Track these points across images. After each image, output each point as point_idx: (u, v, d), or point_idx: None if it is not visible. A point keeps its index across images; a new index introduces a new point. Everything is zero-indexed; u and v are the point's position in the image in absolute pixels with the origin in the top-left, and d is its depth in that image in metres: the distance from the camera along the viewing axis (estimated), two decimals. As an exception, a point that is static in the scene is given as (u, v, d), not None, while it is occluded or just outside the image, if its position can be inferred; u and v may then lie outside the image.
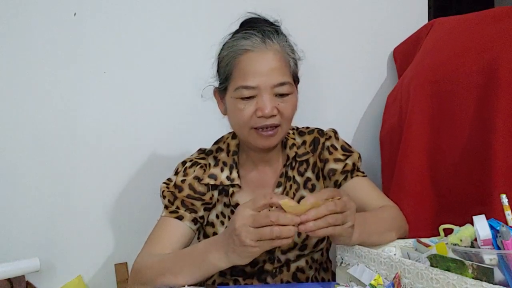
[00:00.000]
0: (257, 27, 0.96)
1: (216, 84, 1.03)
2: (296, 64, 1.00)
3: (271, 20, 1.00)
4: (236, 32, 1.00)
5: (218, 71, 1.01)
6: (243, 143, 1.03)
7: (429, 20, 1.50)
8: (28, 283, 1.25)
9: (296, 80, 1.01)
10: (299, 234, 0.87)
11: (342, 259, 0.88)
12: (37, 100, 1.32)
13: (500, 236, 0.65)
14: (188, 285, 0.84)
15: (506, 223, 0.68)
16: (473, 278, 0.60)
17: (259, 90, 0.92)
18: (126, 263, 1.36)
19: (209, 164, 1.05)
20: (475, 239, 0.69)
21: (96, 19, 1.34)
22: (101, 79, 1.35)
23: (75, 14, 1.33)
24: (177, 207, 1.00)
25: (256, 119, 0.93)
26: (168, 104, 1.39)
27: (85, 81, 1.34)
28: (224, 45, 1.00)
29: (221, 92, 1.00)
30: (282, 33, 0.99)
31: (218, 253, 0.80)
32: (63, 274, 1.33)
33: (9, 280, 1.14)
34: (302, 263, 1.04)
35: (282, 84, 0.93)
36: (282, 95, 0.94)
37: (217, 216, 1.04)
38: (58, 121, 1.33)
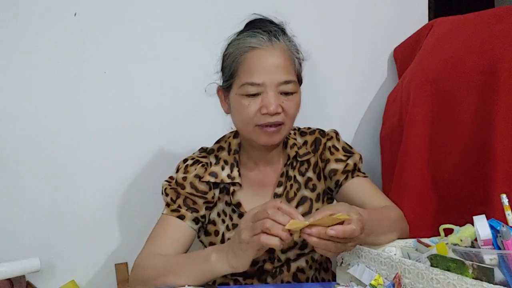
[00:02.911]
0: (262, 27, 0.97)
1: (220, 82, 1.03)
2: (300, 64, 1.01)
3: (276, 21, 1.01)
4: (242, 31, 1.00)
5: (222, 69, 1.01)
6: (245, 141, 1.04)
7: (429, 20, 1.50)
8: (28, 283, 1.25)
9: (299, 80, 1.01)
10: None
11: (342, 259, 0.88)
12: (38, 100, 1.32)
13: (500, 236, 0.65)
14: (188, 285, 0.84)
15: (506, 223, 0.68)
16: (473, 278, 0.60)
17: (264, 87, 0.93)
18: (126, 263, 1.36)
19: (210, 163, 1.05)
20: (475, 239, 0.69)
21: (96, 19, 1.34)
22: (101, 79, 1.35)
23: (75, 14, 1.33)
24: (179, 206, 1.00)
25: (260, 116, 0.93)
26: (168, 104, 1.39)
27: (85, 81, 1.34)
28: (229, 43, 1.00)
29: (225, 90, 1.01)
30: (287, 33, 1.00)
31: (218, 253, 0.83)
32: (63, 274, 1.33)
33: (9, 280, 1.14)
34: (302, 263, 1.04)
35: (287, 82, 0.94)
36: (287, 94, 0.95)
37: (219, 215, 1.04)
38: (58, 122, 1.33)
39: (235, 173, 1.03)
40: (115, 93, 1.36)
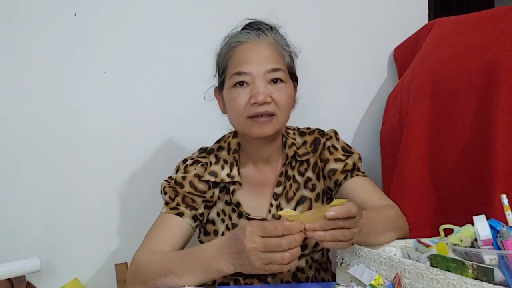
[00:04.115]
0: (252, 26, 1.00)
1: (216, 84, 1.04)
2: (291, 58, 1.01)
3: (269, 23, 1.02)
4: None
5: (217, 68, 1.03)
6: (242, 138, 1.04)
7: (429, 20, 1.50)
8: (28, 283, 1.25)
9: (292, 73, 1.02)
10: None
11: (343, 259, 0.88)
12: (37, 100, 1.31)
13: (500, 236, 0.65)
14: (189, 285, 0.84)
15: (506, 223, 0.68)
16: (473, 278, 0.60)
17: (252, 77, 0.94)
18: (126, 263, 1.36)
19: (210, 162, 1.05)
20: (475, 239, 0.70)
21: (96, 19, 1.34)
22: (101, 79, 1.35)
23: (75, 14, 1.33)
24: (178, 204, 1.00)
25: (250, 108, 0.94)
26: (168, 104, 1.39)
27: (85, 81, 1.34)
28: (221, 44, 1.02)
29: (220, 88, 1.02)
30: (277, 31, 1.01)
31: (226, 263, 0.80)
32: (63, 274, 1.33)
33: (9, 280, 1.14)
34: (302, 263, 1.04)
35: (274, 70, 0.95)
36: (276, 82, 0.95)
37: (218, 214, 1.04)
38: (58, 121, 1.33)
39: (235, 172, 1.03)
40: (115, 93, 1.36)
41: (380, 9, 1.51)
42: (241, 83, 0.95)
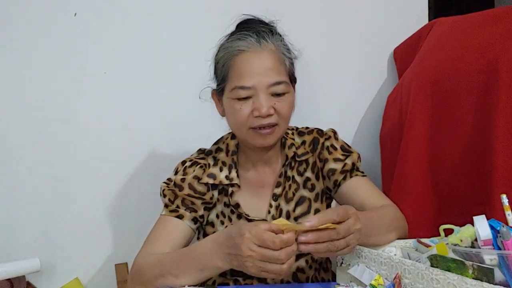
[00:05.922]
0: (252, 28, 0.97)
1: (214, 86, 1.03)
2: (292, 64, 1.00)
3: (266, 21, 1.01)
4: (232, 34, 1.00)
5: (215, 72, 1.02)
6: (242, 143, 1.04)
7: (429, 20, 1.50)
8: (28, 283, 1.25)
9: (292, 79, 1.01)
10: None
11: (343, 259, 0.88)
12: (37, 100, 1.31)
13: (500, 236, 0.65)
14: (189, 286, 0.84)
15: (507, 223, 0.68)
16: (473, 278, 0.60)
17: (255, 90, 0.93)
18: (126, 263, 1.36)
19: (209, 164, 1.05)
20: (476, 240, 0.70)
21: (96, 19, 1.34)
22: (101, 79, 1.35)
23: (75, 14, 1.33)
24: (177, 206, 1.00)
25: (253, 119, 0.94)
26: (168, 104, 1.39)
27: (85, 81, 1.34)
28: (220, 47, 1.00)
29: (218, 93, 1.01)
30: (277, 33, 1.00)
31: (222, 261, 0.80)
32: (63, 274, 1.33)
33: (9, 280, 1.13)
34: (302, 263, 1.04)
35: (278, 83, 0.94)
36: (278, 95, 0.94)
37: (217, 216, 1.04)
38: (58, 121, 1.33)
39: (233, 174, 1.03)
40: (115, 93, 1.36)
41: (380, 9, 1.51)
42: (244, 97, 0.94)
